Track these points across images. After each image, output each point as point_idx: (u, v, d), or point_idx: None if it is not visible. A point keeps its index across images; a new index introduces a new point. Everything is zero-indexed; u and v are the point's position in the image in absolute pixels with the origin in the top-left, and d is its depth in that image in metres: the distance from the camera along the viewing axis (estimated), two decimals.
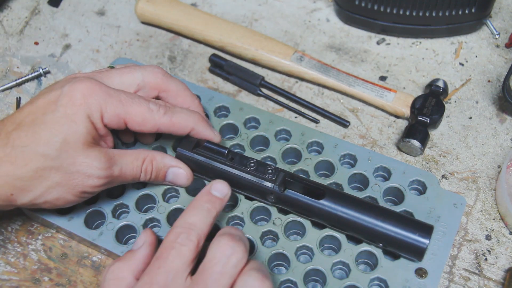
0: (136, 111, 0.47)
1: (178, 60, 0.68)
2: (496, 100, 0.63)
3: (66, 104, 0.45)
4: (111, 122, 0.47)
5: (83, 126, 0.45)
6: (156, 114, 0.48)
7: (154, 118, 0.48)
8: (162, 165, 0.51)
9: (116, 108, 0.47)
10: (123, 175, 0.48)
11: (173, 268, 0.39)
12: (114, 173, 0.47)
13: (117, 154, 0.48)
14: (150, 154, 0.50)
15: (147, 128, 0.48)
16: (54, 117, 0.45)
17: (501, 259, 0.51)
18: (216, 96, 0.60)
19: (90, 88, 0.46)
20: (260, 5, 0.73)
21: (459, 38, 0.68)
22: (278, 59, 0.65)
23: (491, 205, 0.55)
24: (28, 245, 0.53)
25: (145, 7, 0.69)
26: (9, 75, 0.68)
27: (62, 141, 0.44)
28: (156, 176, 0.50)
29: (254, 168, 0.50)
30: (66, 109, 0.45)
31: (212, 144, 0.52)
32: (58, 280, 0.51)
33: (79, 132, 0.45)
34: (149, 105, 0.48)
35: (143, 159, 0.49)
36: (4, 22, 0.73)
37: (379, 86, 0.62)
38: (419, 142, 0.56)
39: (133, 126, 0.48)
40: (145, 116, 0.48)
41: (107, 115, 0.46)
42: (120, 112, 0.47)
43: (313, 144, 0.57)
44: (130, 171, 0.48)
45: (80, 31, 0.72)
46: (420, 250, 0.46)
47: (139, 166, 0.49)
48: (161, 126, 0.49)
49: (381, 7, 0.65)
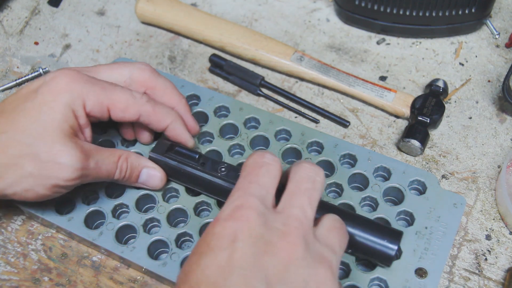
0: (119, 97, 0.48)
1: (178, 60, 0.68)
2: (496, 100, 0.63)
3: (46, 92, 0.45)
4: (93, 109, 0.47)
5: (61, 113, 0.45)
6: (139, 100, 0.49)
7: (137, 103, 0.48)
8: (136, 163, 0.50)
9: (99, 95, 0.47)
10: (98, 169, 0.47)
11: (265, 183, 0.39)
12: (90, 166, 0.46)
13: (93, 148, 0.47)
14: (126, 152, 0.50)
15: (130, 114, 0.49)
16: (33, 104, 0.45)
17: (501, 259, 0.51)
18: (216, 96, 0.60)
19: (72, 76, 0.46)
20: (260, 5, 0.73)
21: (459, 38, 0.68)
22: (278, 59, 0.65)
23: (491, 205, 0.55)
24: (28, 245, 0.53)
25: (145, 7, 0.69)
26: (9, 75, 0.68)
27: (39, 128, 0.44)
28: (130, 174, 0.50)
29: (225, 173, 0.49)
30: (45, 96, 0.45)
31: (184, 149, 0.52)
32: (58, 280, 0.51)
33: (56, 119, 0.44)
34: (132, 93, 0.49)
35: (118, 155, 0.49)
36: (4, 22, 0.73)
37: (379, 86, 0.62)
38: (419, 142, 0.56)
39: (116, 114, 0.48)
40: (128, 103, 0.48)
41: (90, 102, 0.46)
42: (103, 99, 0.47)
43: (313, 144, 0.57)
44: (106, 166, 0.48)
45: (80, 31, 0.72)
46: (389, 256, 0.45)
47: (115, 162, 0.48)
48: (143, 113, 0.49)
49: (381, 7, 0.65)
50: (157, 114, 0.50)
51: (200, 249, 0.37)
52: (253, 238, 0.35)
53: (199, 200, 0.52)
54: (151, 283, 0.51)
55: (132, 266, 0.51)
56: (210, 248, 0.36)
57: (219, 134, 0.57)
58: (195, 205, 0.52)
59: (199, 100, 0.60)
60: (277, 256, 0.35)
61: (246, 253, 0.35)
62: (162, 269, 0.48)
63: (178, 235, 0.50)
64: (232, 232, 0.36)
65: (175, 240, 0.50)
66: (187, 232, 0.51)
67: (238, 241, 0.35)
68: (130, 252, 0.50)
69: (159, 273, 0.48)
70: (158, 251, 0.51)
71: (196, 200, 0.52)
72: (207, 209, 0.53)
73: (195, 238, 0.50)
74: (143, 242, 0.50)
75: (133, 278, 0.51)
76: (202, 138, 0.58)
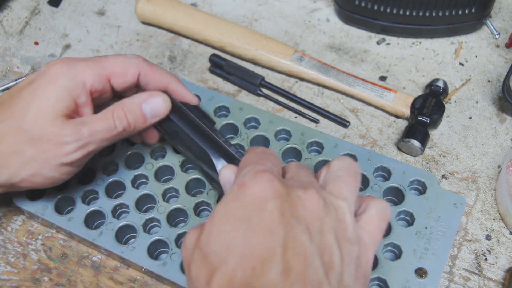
0: (115, 63, 0.48)
1: (178, 60, 0.68)
2: (496, 100, 0.63)
3: (41, 78, 0.46)
4: (94, 83, 0.47)
5: (55, 94, 0.45)
6: (134, 60, 0.49)
7: (134, 63, 0.49)
8: (133, 105, 0.48)
9: (94, 68, 0.47)
10: (95, 132, 0.46)
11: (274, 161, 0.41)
12: (84, 133, 0.45)
13: (86, 118, 0.47)
14: (117, 103, 0.48)
15: (130, 77, 0.49)
16: (29, 91, 0.46)
17: (501, 259, 0.51)
18: (216, 96, 0.60)
19: (65, 61, 0.47)
20: (260, 5, 0.73)
21: (459, 38, 0.68)
22: (278, 59, 0.65)
23: (491, 205, 0.55)
24: (28, 245, 0.53)
25: (145, 7, 0.69)
26: (9, 75, 0.68)
27: (34, 113, 0.45)
28: (135, 120, 0.48)
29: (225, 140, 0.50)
30: (40, 82, 0.46)
31: None
32: (58, 280, 0.51)
33: (51, 102, 0.45)
34: (126, 56, 0.49)
35: (111, 110, 0.47)
36: (4, 22, 0.73)
37: (379, 86, 0.62)
38: (419, 142, 0.56)
39: (117, 80, 0.49)
40: (125, 65, 0.49)
41: (89, 77, 0.47)
42: (101, 71, 0.47)
43: (313, 144, 0.57)
44: (101, 124, 0.46)
45: (80, 31, 0.72)
46: None
47: (110, 117, 0.47)
48: (142, 71, 0.49)
49: (381, 7, 0.65)
50: (155, 72, 0.50)
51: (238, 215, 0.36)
52: (283, 196, 0.36)
53: (199, 200, 0.52)
54: (151, 283, 0.51)
55: (132, 266, 0.51)
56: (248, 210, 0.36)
57: None
58: (195, 205, 0.52)
59: (199, 100, 0.60)
60: (307, 207, 0.37)
61: (282, 209, 0.36)
62: (162, 269, 0.49)
63: (178, 235, 0.50)
64: (263, 192, 0.36)
65: (175, 240, 0.50)
66: (187, 232, 0.51)
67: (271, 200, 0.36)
68: (130, 252, 0.50)
69: (159, 273, 0.48)
70: (158, 251, 0.51)
71: (196, 200, 0.52)
72: (207, 209, 0.53)
73: None
74: (143, 242, 0.50)
75: (133, 278, 0.51)
76: None
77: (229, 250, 0.35)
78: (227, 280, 0.34)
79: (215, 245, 0.35)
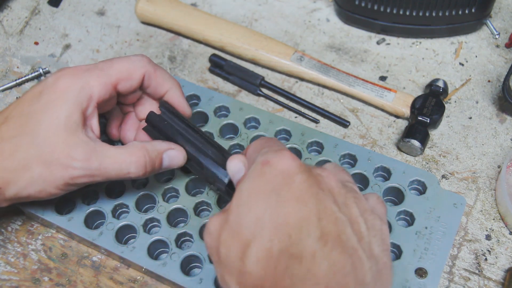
0: (120, 68, 0.48)
1: (178, 60, 0.68)
2: (496, 100, 0.63)
3: (49, 93, 0.46)
4: (101, 93, 0.47)
5: (64, 110, 0.45)
6: (139, 63, 0.49)
7: (138, 66, 0.49)
8: (156, 152, 0.48)
9: (100, 77, 0.47)
10: (104, 169, 0.45)
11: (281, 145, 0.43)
12: (92, 166, 0.45)
13: (100, 146, 0.46)
14: (139, 145, 0.47)
15: (135, 80, 0.49)
16: (38, 106, 0.45)
17: (501, 259, 0.51)
18: (216, 96, 0.60)
19: (71, 72, 0.46)
20: (260, 5, 0.73)
21: (459, 38, 0.68)
22: (278, 59, 0.65)
23: (491, 205, 0.55)
24: (28, 245, 0.53)
25: (145, 7, 0.69)
26: (9, 75, 0.68)
27: (44, 129, 0.44)
28: (152, 167, 0.48)
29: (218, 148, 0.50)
30: (49, 97, 0.45)
31: None
32: (58, 280, 0.51)
33: (60, 117, 0.45)
34: (130, 58, 0.49)
35: (132, 153, 0.46)
36: (4, 22, 0.73)
37: (379, 86, 0.62)
38: (419, 142, 0.56)
39: (124, 86, 0.48)
40: (130, 68, 0.48)
41: (95, 89, 0.46)
42: (106, 79, 0.47)
43: (313, 144, 0.57)
44: (113, 165, 0.45)
45: (80, 31, 0.72)
46: None
47: (127, 161, 0.46)
48: (146, 73, 0.49)
49: (381, 7, 0.65)
50: (158, 76, 0.50)
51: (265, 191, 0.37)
52: (307, 171, 0.38)
53: (199, 200, 0.52)
54: (151, 283, 0.51)
55: (132, 266, 0.51)
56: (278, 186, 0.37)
57: (219, 134, 0.57)
58: (195, 205, 0.52)
59: (199, 100, 0.60)
60: (329, 183, 0.39)
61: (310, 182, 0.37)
62: (162, 269, 0.49)
63: (178, 235, 0.50)
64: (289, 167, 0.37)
65: (175, 240, 0.50)
66: (187, 232, 0.51)
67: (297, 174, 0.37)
68: (130, 252, 0.50)
69: (159, 273, 0.48)
70: (158, 251, 0.51)
71: (196, 200, 0.52)
72: (207, 209, 0.53)
73: (195, 238, 0.50)
74: (143, 242, 0.50)
75: (133, 278, 0.51)
76: None
77: (263, 222, 0.36)
78: (265, 250, 0.35)
79: (246, 219, 0.36)
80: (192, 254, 0.49)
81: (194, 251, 0.49)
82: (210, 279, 0.48)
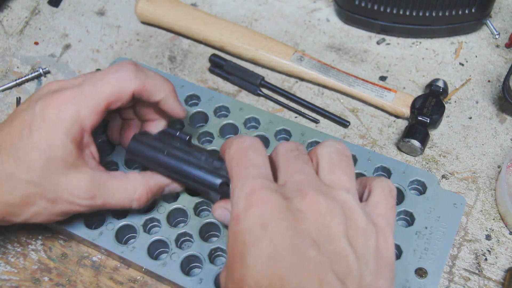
0: (108, 88, 0.45)
1: (178, 60, 0.68)
2: (496, 100, 0.63)
3: (40, 127, 0.43)
4: (93, 121, 0.45)
5: (61, 147, 0.43)
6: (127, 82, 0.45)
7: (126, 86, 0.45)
8: (157, 187, 0.49)
9: (89, 104, 0.44)
10: (108, 205, 0.46)
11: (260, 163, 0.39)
12: (96, 203, 0.45)
13: (103, 182, 0.46)
14: (142, 182, 0.47)
15: (126, 96, 0.46)
16: (32, 142, 0.43)
17: (501, 259, 0.51)
18: (216, 96, 0.60)
19: (59, 102, 0.44)
20: (260, 5, 0.73)
21: (459, 38, 0.68)
22: (278, 59, 0.65)
23: (491, 205, 0.55)
24: (28, 245, 0.53)
25: (145, 7, 0.69)
26: (9, 75, 0.68)
27: (43, 167, 0.43)
28: (153, 199, 0.49)
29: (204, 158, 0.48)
30: (41, 133, 0.43)
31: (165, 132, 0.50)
32: (58, 280, 0.51)
33: (58, 155, 0.43)
34: (117, 72, 0.46)
35: (134, 189, 0.47)
36: (4, 22, 0.73)
37: (379, 86, 0.62)
38: (419, 142, 0.56)
39: (115, 105, 0.46)
40: (120, 86, 0.45)
41: (86, 119, 0.44)
42: (95, 105, 0.44)
43: (313, 144, 0.57)
44: (116, 201, 0.46)
45: (80, 31, 0.72)
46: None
47: (129, 197, 0.47)
48: (136, 88, 0.46)
49: (381, 7, 0.65)
50: (148, 87, 0.47)
51: (239, 251, 0.35)
52: (281, 213, 0.35)
53: (199, 200, 0.52)
54: (151, 283, 0.51)
55: (132, 266, 0.51)
56: (248, 244, 0.35)
57: (219, 134, 0.57)
58: (195, 205, 0.52)
59: (199, 100, 0.60)
60: (309, 219, 0.35)
61: (284, 230, 0.34)
62: (162, 269, 0.49)
63: (178, 235, 0.50)
64: (259, 219, 0.35)
65: (175, 240, 0.50)
66: (187, 232, 0.51)
67: (270, 223, 0.34)
68: (130, 252, 0.50)
69: (159, 273, 0.48)
70: (158, 251, 0.51)
71: (196, 200, 0.52)
72: (207, 209, 0.53)
73: (195, 238, 0.50)
74: (143, 242, 0.50)
75: (133, 278, 0.51)
76: (202, 138, 0.58)
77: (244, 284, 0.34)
78: None
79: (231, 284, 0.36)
80: (192, 254, 0.49)
81: (194, 251, 0.49)
82: (210, 279, 0.48)
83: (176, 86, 0.61)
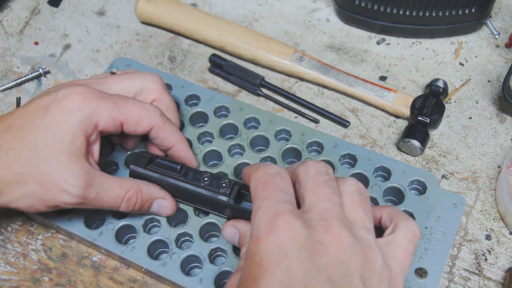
0: (132, 111, 0.47)
1: (178, 60, 0.68)
2: (496, 100, 0.63)
3: (56, 111, 0.44)
4: (107, 126, 0.46)
5: (70, 135, 0.44)
6: (151, 113, 0.49)
7: (150, 116, 0.48)
8: (148, 196, 0.49)
9: (111, 110, 0.46)
10: (100, 200, 0.46)
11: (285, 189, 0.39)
12: (89, 195, 0.45)
13: (99, 176, 0.46)
14: (136, 184, 0.48)
15: (142, 128, 0.48)
16: (42, 123, 0.44)
17: (501, 259, 0.51)
18: (216, 96, 0.60)
19: (84, 95, 0.45)
20: (260, 5, 0.73)
21: (459, 38, 0.68)
22: (278, 59, 0.65)
23: (491, 205, 0.55)
24: (28, 245, 0.53)
25: (145, 7, 0.69)
26: (9, 75, 0.68)
27: (45, 149, 0.44)
28: (140, 207, 0.49)
29: (208, 182, 0.48)
30: (55, 116, 0.44)
31: (165, 161, 0.50)
32: (58, 280, 0.51)
33: (64, 141, 0.44)
34: (145, 106, 0.48)
35: (127, 189, 0.47)
36: (4, 22, 0.73)
37: (379, 86, 0.62)
38: (419, 142, 0.56)
39: (129, 128, 0.48)
40: (141, 116, 0.48)
41: (103, 120, 0.46)
42: (116, 115, 0.46)
43: (313, 144, 0.57)
44: (109, 198, 0.46)
45: (80, 31, 0.72)
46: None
47: (121, 196, 0.47)
48: (155, 126, 0.49)
49: (381, 7, 0.65)
50: (167, 130, 0.50)
51: (253, 273, 0.35)
52: (302, 243, 0.34)
53: None
54: (151, 283, 0.51)
55: (132, 266, 0.51)
56: (263, 269, 0.34)
57: (219, 134, 0.58)
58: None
59: (199, 100, 0.60)
60: (330, 253, 0.35)
61: (302, 260, 0.34)
62: (162, 269, 0.49)
63: (178, 235, 0.50)
64: (279, 244, 0.34)
65: (175, 240, 0.50)
66: (187, 232, 0.51)
67: (289, 251, 0.34)
68: (130, 252, 0.50)
69: (159, 273, 0.48)
70: (158, 251, 0.51)
71: None
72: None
73: (195, 238, 0.50)
74: (143, 242, 0.50)
75: (133, 278, 0.51)
76: (202, 138, 0.58)
77: None
78: None
79: None
80: (192, 254, 0.49)
81: (194, 251, 0.49)
82: (210, 279, 0.48)
83: (176, 86, 0.61)
